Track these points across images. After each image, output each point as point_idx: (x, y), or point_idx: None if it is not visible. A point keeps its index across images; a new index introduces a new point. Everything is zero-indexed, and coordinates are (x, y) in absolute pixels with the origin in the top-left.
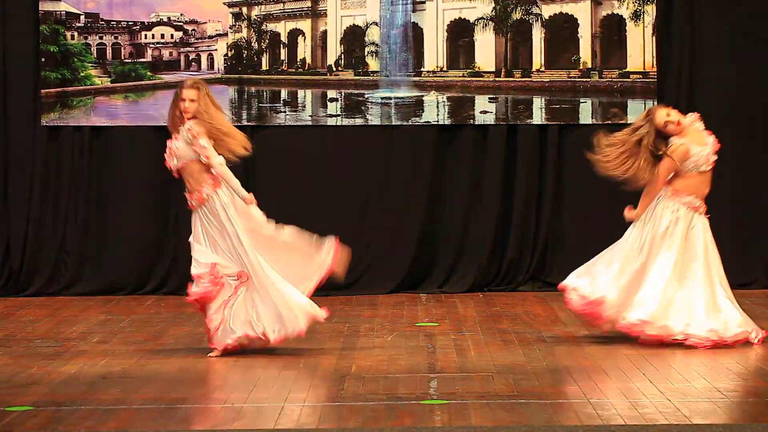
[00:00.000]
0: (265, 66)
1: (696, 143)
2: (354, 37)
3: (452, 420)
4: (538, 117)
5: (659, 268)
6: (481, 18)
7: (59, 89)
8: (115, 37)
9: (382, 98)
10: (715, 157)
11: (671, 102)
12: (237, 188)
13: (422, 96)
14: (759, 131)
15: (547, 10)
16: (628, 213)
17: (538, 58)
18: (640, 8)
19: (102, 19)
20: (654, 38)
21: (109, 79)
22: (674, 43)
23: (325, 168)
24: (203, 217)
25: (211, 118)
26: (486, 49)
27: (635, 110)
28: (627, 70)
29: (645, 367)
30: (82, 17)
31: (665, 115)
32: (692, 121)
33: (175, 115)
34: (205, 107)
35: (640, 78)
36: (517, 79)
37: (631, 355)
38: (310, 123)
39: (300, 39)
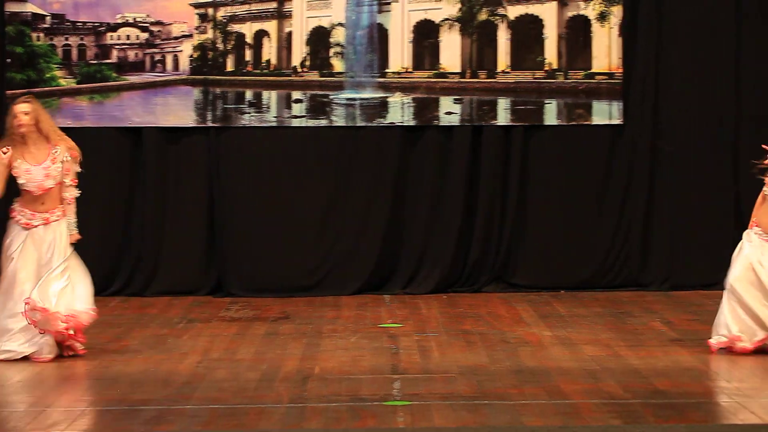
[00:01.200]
0: (230, 67)
1: None
2: (319, 38)
3: (415, 421)
4: (503, 118)
5: None
6: (447, 19)
7: (25, 90)
8: (81, 38)
9: (347, 99)
10: None
11: (637, 103)
12: (74, 219)
13: (387, 97)
14: (725, 129)
15: (513, 11)
16: None
17: (503, 59)
18: (606, 9)
19: (68, 20)
20: (620, 39)
21: (75, 81)
22: (640, 44)
23: (289, 169)
24: (35, 237)
25: (52, 126)
26: (451, 50)
27: (600, 111)
28: (592, 71)
29: (608, 367)
30: (48, 18)
31: None
32: None
33: (13, 134)
34: (42, 116)
35: (605, 79)
36: (483, 80)
37: (594, 356)
38: (274, 124)
39: (265, 40)
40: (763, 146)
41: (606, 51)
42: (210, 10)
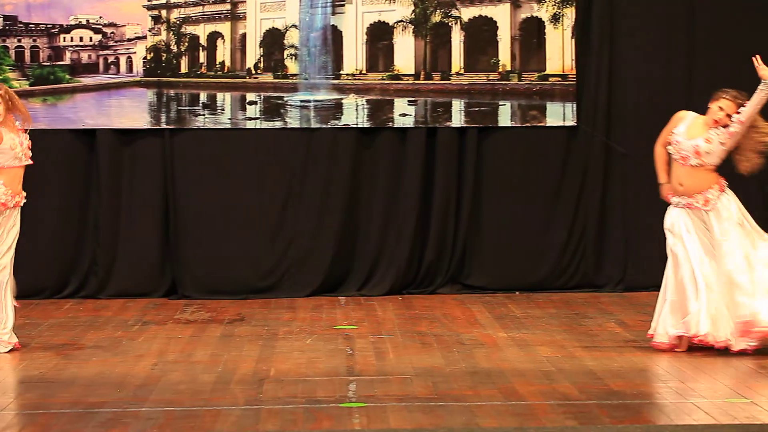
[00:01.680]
0: (184, 69)
1: None
2: (273, 40)
3: (371, 423)
4: (458, 120)
5: None
6: (401, 21)
7: None
8: (34, 40)
9: (301, 101)
10: None
11: (590, 105)
12: None
13: (341, 99)
14: None
15: (467, 13)
16: None
17: (457, 61)
18: (559, 11)
19: (20, 22)
20: (573, 41)
21: (28, 83)
22: (593, 45)
23: (244, 171)
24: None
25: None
26: (405, 52)
27: (554, 113)
28: (546, 72)
29: (563, 368)
30: (0, 20)
31: None
32: None
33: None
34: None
35: (559, 81)
36: (437, 82)
37: (549, 357)
38: (229, 126)
39: (219, 42)
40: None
41: (559, 53)
42: (163, 12)
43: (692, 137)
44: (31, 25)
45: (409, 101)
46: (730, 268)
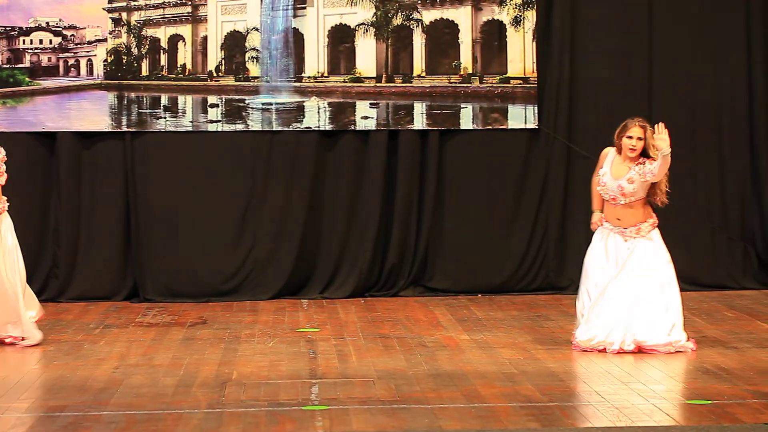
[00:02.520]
0: (145, 71)
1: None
2: (234, 42)
3: (333, 425)
4: (419, 122)
5: None
6: (362, 24)
7: None
8: None
9: (263, 104)
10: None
11: (552, 107)
12: None
13: (303, 101)
14: None
15: (428, 16)
16: None
17: (419, 64)
18: (520, 14)
19: None
20: (534, 44)
21: None
22: (554, 48)
23: (206, 173)
24: None
25: None
26: (367, 55)
27: (516, 115)
28: (507, 75)
29: (526, 370)
30: None
31: None
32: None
33: None
34: None
35: (520, 84)
36: (398, 85)
37: (512, 359)
38: (190, 129)
39: (180, 44)
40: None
41: (521, 55)
42: (124, 15)
43: (617, 177)
44: None
45: (371, 104)
46: (638, 291)
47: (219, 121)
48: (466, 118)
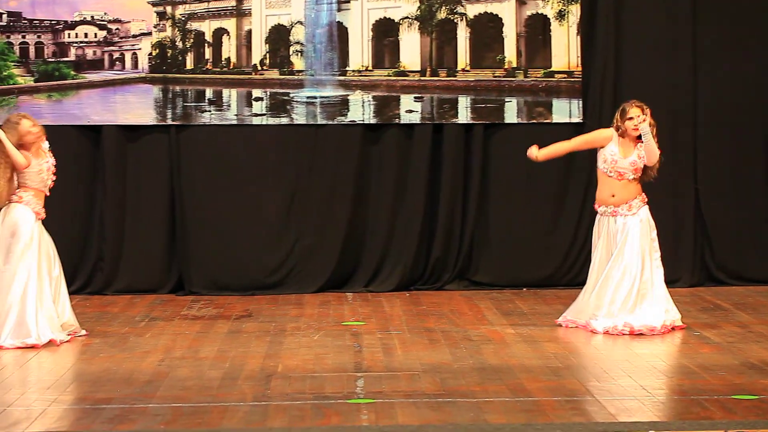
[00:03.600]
0: (189, 65)
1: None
2: (279, 36)
3: (379, 419)
4: (464, 116)
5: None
6: (406, 17)
7: None
8: (38, 36)
9: (307, 97)
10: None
11: (596, 101)
12: None
13: (347, 95)
14: (682, 129)
15: (472, 10)
16: None
17: (463, 58)
18: (564, 8)
19: (25, 18)
20: (578, 38)
21: (33, 79)
22: (598, 42)
23: (250, 167)
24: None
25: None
26: (411, 49)
27: (560, 109)
28: (552, 69)
29: (571, 365)
30: (5, 16)
31: None
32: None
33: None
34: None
35: (564, 77)
36: (443, 79)
37: (557, 354)
38: (235, 122)
39: (225, 38)
40: None
41: (565, 49)
42: (168, 8)
43: (626, 156)
44: (35, 21)
45: (415, 98)
46: (618, 273)
47: (263, 114)
48: (511, 112)
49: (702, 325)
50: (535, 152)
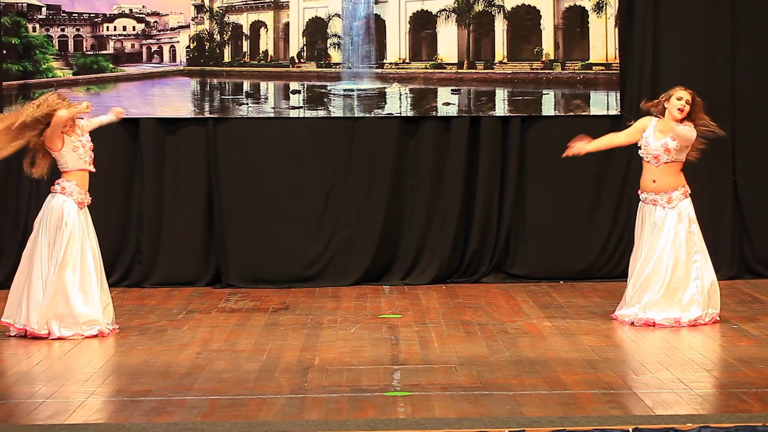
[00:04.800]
0: (227, 58)
1: None
2: (316, 29)
3: (415, 411)
4: (501, 109)
5: None
6: (443, 10)
7: (21, 81)
8: (77, 29)
9: (344, 90)
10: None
11: (634, 93)
12: None
13: (385, 88)
14: (720, 120)
15: (509, 2)
16: None
17: (500, 50)
18: (602, 0)
19: (64, 11)
20: (616, 30)
21: (71, 72)
22: (636, 34)
23: (287, 160)
24: None
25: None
26: (448, 41)
27: (598, 102)
28: (590, 61)
29: (608, 357)
30: (44, 9)
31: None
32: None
33: None
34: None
35: (602, 70)
36: (480, 71)
37: (594, 346)
38: (272, 115)
39: (262, 31)
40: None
41: (603, 41)
42: (206, 1)
43: (659, 138)
44: (74, 15)
45: (452, 90)
46: (649, 267)
47: (301, 107)
48: (548, 105)
49: (740, 318)
50: (584, 145)
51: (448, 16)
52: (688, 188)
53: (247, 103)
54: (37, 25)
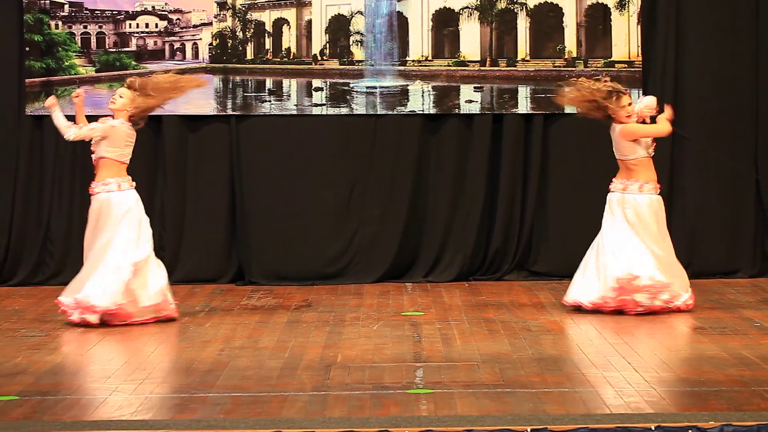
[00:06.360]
0: (249, 55)
1: None
2: (339, 26)
3: (438, 409)
4: (524, 106)
5: None
6: (466, 7)
7: (43, 78)
8: (100, 27)
9: (367, 87)
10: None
11: (657, 91)
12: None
13: (407, 85)
14: (743, 120)
15: (532, 0)
16: None
17: (523, 48)
18: None
19: (86, 9)
20: (639, 27)
21: (94, 69)
22: (659, 32)
23: (310, 158)
24: None
25: None
26: (471, 39)
27: None
28: (612, 59)
29: (630, 356)
30: (66, 6)
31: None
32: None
33: None
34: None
35: (625, 67)
36: (503, 69)
37: (616, 344)
38: (295, 112)
39: (285, 28)
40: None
41: (625, 39)
42: None
43: None
44: (96, 12)
45: (475, 88)
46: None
47: (323, 104)
48: None
49: (762, 316)
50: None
51: (471, 14)
52: (657, 185)
53: (270, 101)
54: (60, 23)
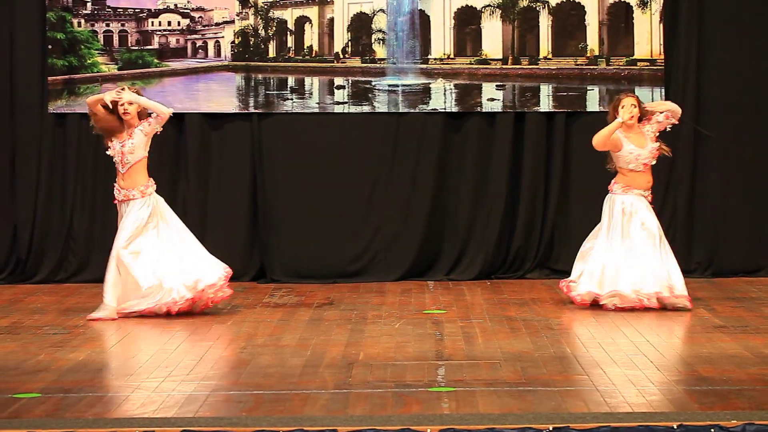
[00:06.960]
0: (272, 53)
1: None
2: (361, 24)
3: (460, 407)
4: (546, 104)
5: None
6: (488, 5)
7: (66, 76)
8: (122, 25)
9: (389, 85)
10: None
11: (679, 89)
12: None
13: (429, 83)
14: (765, 119)
15: None
16: None
17: (545, 46)
18: None
19: (109, 6)
20: (661, 26)
21: (116, 67)
22: (681, 30)
23: (332, 156)
24: None
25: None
26: (493, 37)
27: (643, 98)
28: (634, 57)
29: (652, 354)
30: (89, 4)
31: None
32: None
33: None
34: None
35: (647, 66)
36: (525, 67)
37: (638, 342)
38: (317, 110)
39: (307, 26)
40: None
41: (647, 37)
42: None
43: (642, 145)
44: (119, 10)
45: (497, 86)
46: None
47: (345, 102)
48: (593, 101)
49: None
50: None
51: (493, 12)
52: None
53: (292, 99)
54: (83, 21)
